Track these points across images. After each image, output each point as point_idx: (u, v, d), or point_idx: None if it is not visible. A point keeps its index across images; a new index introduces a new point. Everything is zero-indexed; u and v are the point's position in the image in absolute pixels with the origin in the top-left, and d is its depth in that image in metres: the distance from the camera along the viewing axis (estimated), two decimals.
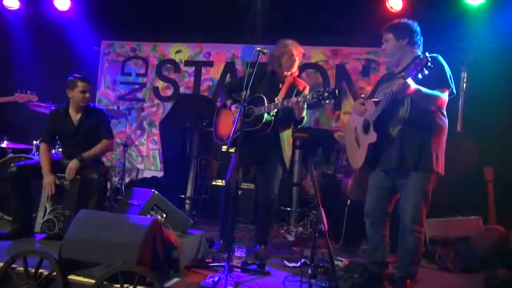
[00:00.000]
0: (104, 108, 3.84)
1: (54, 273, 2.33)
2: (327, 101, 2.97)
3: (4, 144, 4.53)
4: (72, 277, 2.39)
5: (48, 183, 3.34)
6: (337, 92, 2.90)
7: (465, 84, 4.48)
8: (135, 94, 6.32)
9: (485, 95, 4.34)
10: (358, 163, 2.77)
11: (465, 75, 4.48)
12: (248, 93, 2.90)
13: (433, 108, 2.53)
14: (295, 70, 3.42)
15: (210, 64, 6.07)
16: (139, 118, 6.24)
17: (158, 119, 6.17)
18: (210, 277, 2.64)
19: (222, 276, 2.61)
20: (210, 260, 3.00)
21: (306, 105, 3.16)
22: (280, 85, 3.38)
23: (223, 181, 3.95)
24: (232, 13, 5.42)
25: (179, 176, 5.34)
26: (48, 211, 3.34)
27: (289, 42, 3.35)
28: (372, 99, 2.70)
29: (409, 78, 2.29)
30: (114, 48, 6.44)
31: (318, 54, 5.65)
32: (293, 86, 3.37)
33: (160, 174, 5.96)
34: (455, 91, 2.57)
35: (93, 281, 2.29)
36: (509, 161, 4.19)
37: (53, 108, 3.99)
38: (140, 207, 3.09)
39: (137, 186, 4.37)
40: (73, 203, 3.33)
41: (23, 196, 3.39)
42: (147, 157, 6.17)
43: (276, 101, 3.22)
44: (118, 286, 2.19)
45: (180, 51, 6.18)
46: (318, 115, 5.62)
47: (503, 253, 3.38)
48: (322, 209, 2.54)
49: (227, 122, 3.47)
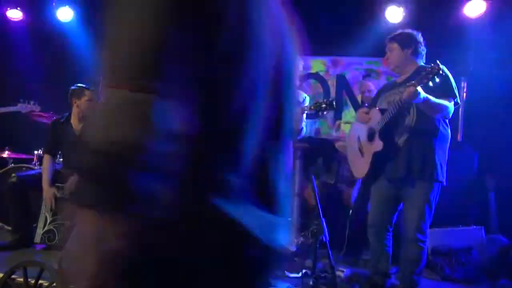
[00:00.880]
0: None
1: (54, 284, 2.31)
2: (325, 112, 2.98)
3: (5, 154, 4.53)
4: None
5: (49, 197, 3.34)
6: (334, 103, 2.91)
7: (465, 94, 4.50)
8: None
9: (484, 105, 4.35)
10: (361, 172, 2.76)
11: (465, 85, 4.50)
12: None
13: (439, 117, 2.53)
14: None
15: None
16: None
17: None
18: None
19: None
20: None
21: (305, 115, 3.16)
22: None
23: None
24: None
25: None
26: (48, 221, 3.34)
27: None
28: (377, 107, 2.70)
29: (419, 86, 2.29)
30: None
31: (318, 64, 5.68)
32: None
33: None
34: (459, 102, 2.57)
35: None
36: (511, 170, 4.18)
37: (55, 118, 3.99)
38: None
39: None
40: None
41: (23, 207, 3.38)
42: None
43: None
44: None
45: None
46: (318, 125, 5.62)
47: (505, 263, 3.36)
48: (323, 219, 2.53)
49: None
